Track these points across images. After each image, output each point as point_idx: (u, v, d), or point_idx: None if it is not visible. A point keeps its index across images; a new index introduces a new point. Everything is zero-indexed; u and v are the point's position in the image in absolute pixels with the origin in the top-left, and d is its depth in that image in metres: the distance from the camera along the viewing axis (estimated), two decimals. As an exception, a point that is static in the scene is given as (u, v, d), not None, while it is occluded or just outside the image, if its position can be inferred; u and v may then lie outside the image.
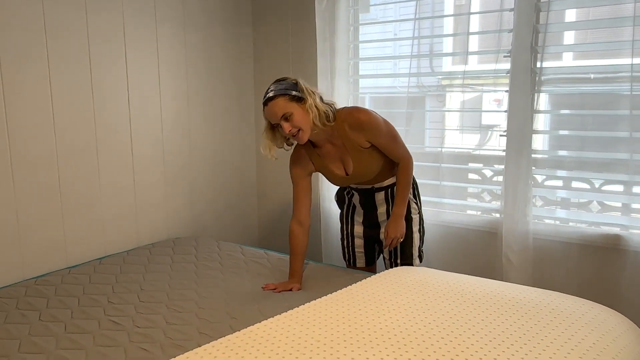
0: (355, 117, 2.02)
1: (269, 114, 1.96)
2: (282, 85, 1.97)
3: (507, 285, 1.81)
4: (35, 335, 1.67)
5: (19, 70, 2.10)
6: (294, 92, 1.95)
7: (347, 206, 2.34)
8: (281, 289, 2.04)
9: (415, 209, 2.24)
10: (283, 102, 1.93)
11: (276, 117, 1.94)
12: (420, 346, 1.36)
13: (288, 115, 1.93)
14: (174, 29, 2.70)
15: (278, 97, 1.94)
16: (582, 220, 2.32)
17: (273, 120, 1.96)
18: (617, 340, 1.42)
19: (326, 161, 2.12)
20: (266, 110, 1.96)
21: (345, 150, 2.08)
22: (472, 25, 2.58)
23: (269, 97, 1.95)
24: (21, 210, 2.16)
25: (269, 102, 1.94)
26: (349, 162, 2.10)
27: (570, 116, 2.40)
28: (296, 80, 2.00)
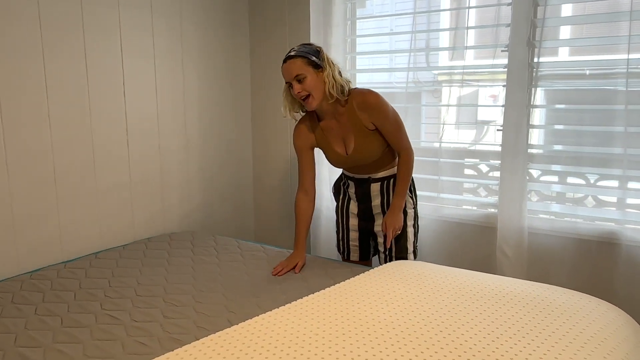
0: (364, 97, 2.07)
1: (284, 72, 2.02)
2: (305, 48, 2.04)
3: (503, 279, 1.82)
4: (32, 329, 1.66)
5: (13, 63, 2.08)
6: (314, 57, 2.01)
7: (343, 198, 2.34)
8: (287, 269, 2.10)
9: (410, 203, 2.25)
10: (300, 63, 1.99)
11: (290, 76, 2.00)
12: (419, 339, 1.37)
13: (302, 77, 1.99)
14: (170, 21, 2.69)
15: (297, 57, 2.00)
16: (577, 215, 2.34)
17: (286, 79, 2.02)
18: (614, 333, 1.43)
19: (329, 137, 2.16)
20: (283, 68, 2.02)
21: (349, 129, 2.11)
22: (469, 20, 2.58)
23: (289, 55, 2.01)
24: (16, 205, 2.14)
25: (287, 60, 2.01)
26: (350, 142, 2.12)
27: (565, 111, 2.42)
28: (320, 48, 2.06)
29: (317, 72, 2.00)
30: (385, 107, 2.08)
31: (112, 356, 1.49)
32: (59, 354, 1.50)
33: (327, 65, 2.02)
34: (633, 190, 2.19)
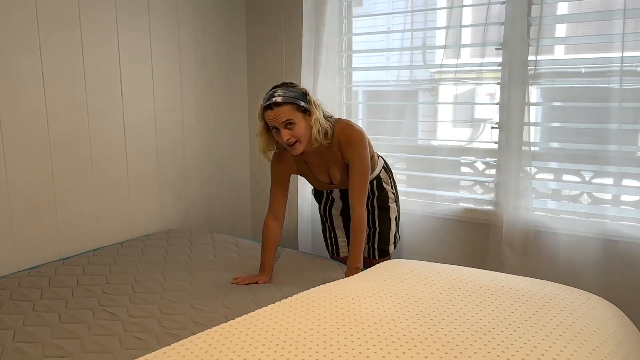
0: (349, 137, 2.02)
1: (270, 118, 1.91)
2: (291, 92, 1.93)
3: (496, 275, 1.84)
4: (30, 325, 1.68)
5: (11, 60, 2.09)
6: (302, 102, 1.93)
7: (326, 200, 2.35)
8: (248, 281, 2.01)
9: (392, 198, 2.28)
10: (289, 109, 1.90)
11: (278, 123, 1.90)
12: (412, 334, 1.38)
13: (291, 123, 1.90)
14: (166, 20, 2.70)
15: (287, 104, 1.90)
16: (572, 212, 2.35)
17: (272, 124, 1.92)
18: (603, 326, 1.45)
19: (311, 167, 2.13)
20: (269, 114, 1.91)
21: (332, 163, 2.09)
22: (465, 18, 2.59)
23: (276, 102, 1.89)
24: (14, 202, 2.15)
25: (274, 107, 1.89)
26: (336, 173, 2.12)
27: (561, 109, 2.43)
28: (306, 90, 1.98)
29: (305, 117, 1.93)
30: (363, 149, 2.03)
31: (109, 351, 1.51)
32: (57, 349, 1.51)
33: (315, 109, 1.95)
34: (628, 187, 2.20)
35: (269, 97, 1.93)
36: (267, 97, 1.94)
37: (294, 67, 2.95)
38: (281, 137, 1.93)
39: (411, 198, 2.70)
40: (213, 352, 1.32)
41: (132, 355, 1.45)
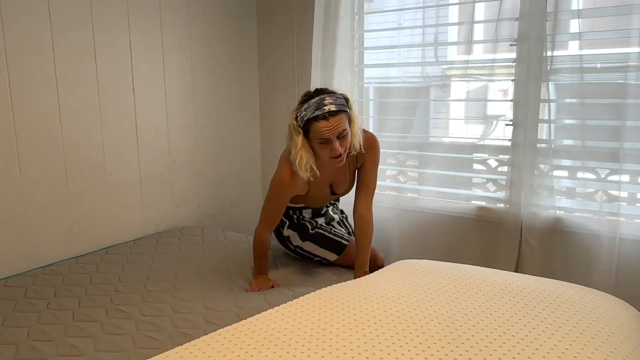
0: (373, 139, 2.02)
1: (326, 129, 1.74)
2: (340, 99, 1.80)
3: (514, 275, 1.82)
4: (44, 323, 1.69)
5: (25, 60, 2.10)
6: (348, 110, 1.83)
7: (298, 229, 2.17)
8: (265, 288, 1.97)
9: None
10: (344, 118, 1.78)
11: (334, 133, 1.75)
12: (426, 334, 1.37)
13: (344, 133, 1.78)
14: (178, 19, 2.70)
15: (341, 113, 1.77)
16: (588, 210, 2.31)
17: (326, 136, 1.75)
18: (621, 327, 1.43)
19: (323, 177, 1.99)
20: (322, 125, 1.74)
21: (344, 171, 2.02)
22: (477, 13, 2.56)
23: (332, 110, 1.74)
24: (28, 200, 2.17)
25: (330, 116, 1.73)
26: (342, 182, 2.05)
27: (575, 105, 2.39)
28: (347, 96, 1.85)
29: (351, 126, 1.82)
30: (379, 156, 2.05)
31: (122, 350, 1.51)
32: (71, 348, 1.52)
33: (355, 117, 1.84)
34: (642, 184, 2.17)
35: (317, 106, 1.75)
36: (313, 106, 1.76)
37: (305, 65, 2.94)
38: (333, 149, 1.77)
39: (422, 196, 2.68)
40: (225, 353, 1.32)
41: (146, 354, 1.46)
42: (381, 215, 2.80)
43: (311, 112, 1.75)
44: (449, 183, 2.65)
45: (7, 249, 2.12)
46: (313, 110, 1.75)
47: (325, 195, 2.06)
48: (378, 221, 2.79)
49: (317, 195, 2.03)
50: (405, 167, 2.88)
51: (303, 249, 2.12)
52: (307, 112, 1.77)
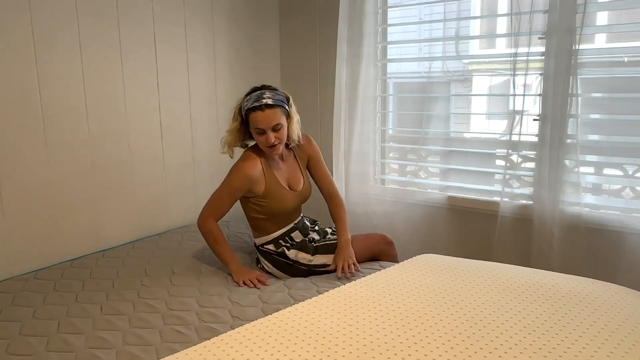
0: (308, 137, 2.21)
1: (261, 120, 1.94)
2: (279, 95, 2.00)
3: (535, 272, 1.80)
4: (73, 316, 1.72)
5: (51, 54, 2.13)
6: (286, 106, 2.01)
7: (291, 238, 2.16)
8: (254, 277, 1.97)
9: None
10: (280, 112, 1.97)
11: (268, 125, 1.95)
12: (454, 331, 1.37)
13: (279, 127, 1.97)
14: (202, 14, 2.71)
15: (277, 107, 1.96)
16: (615, 206, 2.28)
17: (262, 126, 1.95)
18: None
19: (278, 178, 2.09)
20: (258, 116, 1.94)
21: (295, 167, 2.17)
22: (501, 6, 2.52)
23: (268, 104, 1.94)
24: (57, 195, 2.21)
25: (266, 109, 1.94)
26: (299, 179, 2.15)
27: (602, 100, 2.34)
28: (288, 95, 2.05)
29: (287, 121, 2.02)
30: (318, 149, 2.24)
31: (150, 344, 1.53)
32: (100, 341, 1.55)
33: (294, 114, 2.04)
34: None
35: (256, 99, 1.95)
36: (253, 98, 1.96)
37: (327, 61, 2.94)
38: (267, 139, 1.96)
39: (444, 192, 2.66)
40: (253, 347, 1.33)
41: (173, 348, 1.48)
42: (402, 211, 2.81)
43: (251, 103, 1.96)
44: (471, 179, 2.63)
45: (37, 242, 2.16)
46: (252, 102, 1.96)
47: (287, 194, 2.09)
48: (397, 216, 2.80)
49: (278, 193, 2.07)
50: (426, 162, 2.86)
51: (316, 264, 2.09)
52: (247, 103, 1.98)
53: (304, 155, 2.21)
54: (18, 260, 2.11)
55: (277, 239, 2.11)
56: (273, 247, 2.10)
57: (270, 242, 2.11)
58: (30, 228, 2.14)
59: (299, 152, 2.20)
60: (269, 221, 2.10)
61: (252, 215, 2.12)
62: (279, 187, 2.08)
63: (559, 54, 2.16)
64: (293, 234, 2.14)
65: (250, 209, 2.11)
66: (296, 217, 2.19)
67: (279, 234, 2.11)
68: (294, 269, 2.08)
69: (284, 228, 2.13)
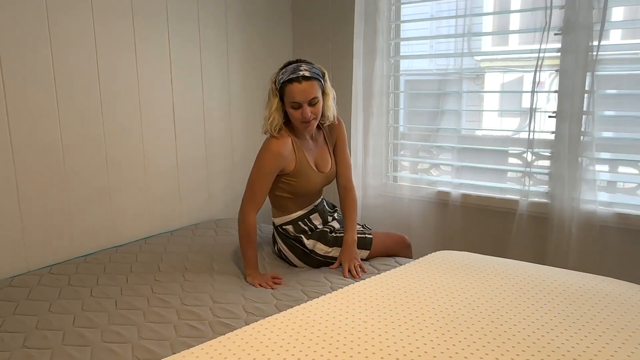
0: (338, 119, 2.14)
1: (298, 93, 1.88)
2: (315, 69, 1.93)
3: (552, 270, 1.79)
4: (89, 310, 1.73)
5: (68, 53, 2.14)
6: (322, 81, 1.96)
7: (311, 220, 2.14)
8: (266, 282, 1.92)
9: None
10: (317, 86, 1.92)
11: (305, 97, 1.89)
12: (470, 329, 1.36)
13: (316, 101, 1.92)
14: (215, 11, 2.71)
15: (314, 80, 1.91)
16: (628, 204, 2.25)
17: (299, 99, 1.89)
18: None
19: (308, 156, 2.06)
20: (296, 88, 1.87)
21: (324, 147, 2.12)
22: (514, 3, 2.50)
23: (305, 75, 1.88)
24: (71, 190, 2.22)
25: (303, 80, 1.88)
26: (326, 159, 2.11)
27: (618, 97, 2.32)
28: (324, 70, 1.99)
29: (323, 97, 1.96)
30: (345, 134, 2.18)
31: (165, 338, 1.54)
32: (115, 335, 1.56)
33: (330, 91, 1.99)
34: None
35: (293, 71, 1.89)
36: (289, 70, 1.90)
37: (340, 57, 2.93)
38: (303, 113, 1.90)
39: (457, 189, 2.65)
40: (268, 343, 1.33)
41: (188, 343, 1.48)
42: (415, 208, 2.80)
43: (287, 75, 1.90)
44: (483, 176, 2.61)
45: (51, 237, 2.18)
46: (289, 74, 1.89)
47: (314, 175, 2.06)
48: (409, 213, 2.80)
49: (307, 174, 2.04)
50: (438, 160, 2.85)
51: (334, 256, 2.06)
52: (283, 76, 1.92)
53: (333, 137, 2.14)
54: (33, 255, 2.13)
55: (296, 220, 2.09)
56: (292, 229, 2.09)
57: (290, 222, 2.10)
58: (45, 224, 2.16)
59: (329, 133, 2.14)
60: (291, 200, 2.07)
61: (275, 193, 2.08)
62: (308, 167, 2.04)
63: (577, 50, 2.14)
64: (312, 215, 2.12)
65: (275, 187, 2.06)
66: (317, 199, 2.16)
67: (299, 214, 2.10)
68: (310, 258, 2.08)
69: (305, 209, 2.11)
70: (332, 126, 2.13)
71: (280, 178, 2.04)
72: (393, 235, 2.22)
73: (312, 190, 2.09)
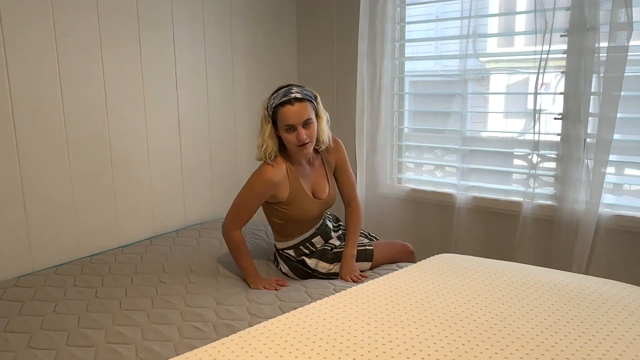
0: (334, 138, 2.10)
1: (291, 115, 1.85)
2: (307, 91, 1.93)
3: (558, 273, 1.78)
4: (93, 311, 1.74)
5: (74, 55, 2.16)
6: (315, 104, 1.95)
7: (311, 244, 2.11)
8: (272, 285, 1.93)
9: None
10: (310, 108, 1.90)
11: (299, 119, 1.86)
12: (474, 332, 1.35)
13: (310, 122, 1.90)
14: (219, 13, 2.72)
15: (306, 101, 1.89)
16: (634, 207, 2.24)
17: (292, 122, 1.86)
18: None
19: (302, 183, 2.02)
20: (288, 110, 1.85)
21: (321, 172, 2.08)
22: (520, 4, 2.49)
23: (297, 97, 1.86)
24: (76, 191, 2.23)
25: (295, 102, 1.86)
26: (324, 185, 2.07)
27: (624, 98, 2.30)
28: (316, 93, 1.98)
29: (317, 120, 1.95)
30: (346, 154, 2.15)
31: (169, 340, 1.54)
32: (119, 336, 1.56)
33: (322, 114, 1.97)
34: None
35: (284, 94, 1.88)
36: (280, 94, 1.89)
37: (344, 58, 2.93)
38: (298, 136, 1.87)
39: (461, 191, 2.64)
40: (271, 345, 1.33)
41: (192, 344, 1.49)
42: (419, 210, 2.79)
43: (279, 99, 1.88)
44: (488, 178, 2.60)
45: (57, 238, 2.19)
46: (280, 98, 1.88)
47: (310, 202, 2.02)
48: (413, 214, 2.79)
49: (301, 202, 2.00)
50: (443, 161, 2.84)
51: (336, 272, 2.06)
52: (275, 100, 1.90)
53: (332, 161, 2.12)
54: (39, 255, 2.14)
55: (297, 245, 2.07)
56: (293, 253, 2.08)
57: (291, 247, 2.08)
58: (50, 224, 2.17)
59: (327, 157, 2.11)
60: (290, 227, 2.04)
61: (273, 220, 2.07)
62: (303, 195, 2.00)
63: (583, 52, 2.13)
64: (314, 239, 2.10)
65: (271, 214, 2.05)
66: (318, 222, 2.12)
67: (300, 239, 2.07)
68: (312, 277, 2.06)
69: (306, 234, 2.08)
70: (329, 149, 2.09)
71: (274, 206, 2.02)
72: (395, 244, 2.20)
73: (309, 217, 2.05)
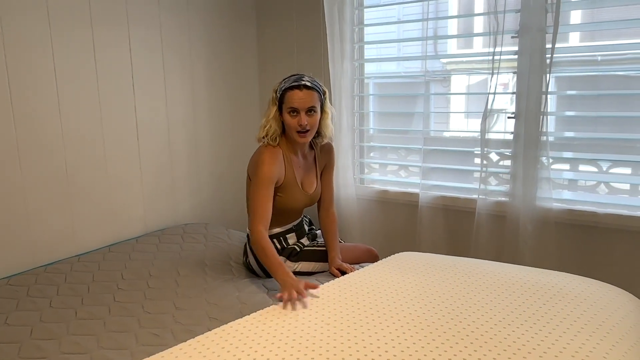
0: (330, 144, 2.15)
1: (297, 99, 1.89)
2: (317, 83, 1.96)
3: (513, 267, 1.81)
4: (47, 321, 1.68)
5: (24, 56, 2.09)
6: (322, 97, 1.98)
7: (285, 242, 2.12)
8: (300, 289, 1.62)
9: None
10: (316, 97, 1.93)
11: (304, 105, 1.89)
12: (431, 327, 1.37)
13: (313, 111, 1.93)
14: (177, 14, 2.69)
15: (314, 91, 1.92)
16: (590, 202, 2.31)
17: (297, 106, 1.89)
18: (625, 318, 1.43)
19: (295, 173, 2.02)
20: (296, 94, 1.89)
21: (312, 168, 2.11)
22: (477, 6, 2.54)
23: (307, 84, 1.90)
24: (30, 199, 2.16)
25: (304, 88, 1.90)
26: (312, 180, 2.10)
27: (576, 97, 2.38)
28: (325, 89, 2.01)
29: (322, 115, 1.98)
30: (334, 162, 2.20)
31: (125, 347, 1.51)
32: (74, 346, 1.52)
33: (328, 110, 2.01)
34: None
35: (296, 80, 1.92)
36: (292, 79, 1.93)
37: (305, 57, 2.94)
38: (299, 121, 1.90)
39: (424, 190, 2.67)
40: (230, 349, 1.32)
41: (149, 351, 1.45)
42: (381, 210, 2.81)
43: (289, 83, 1.93)
44: (451, 177, 2.64)
45: (9, 247, 2.12)
46: (291, 82, 1.93)
47: (299, 192, 2.03)
48: (378, 215, 2.81)
49: (292, 190, 2.01)
50: (406, 161, 2.87)
51: (300, 272, 2.06)
52: (285, 84, 1.94)
53: (323, 161, 2.14)
54: (-10, 266, 2.06)
55: (272, 237, 2.03)
56: None
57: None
58: (2, 233, 2.09)
59: (320, 157, 2.13)
60: (272, 217, 1.97)
61: None
62: (294, 184, 2.02)
63: (532, 53, 2.18)
64: (289, 235, 2.10)
65: None
66: (297, 219, 2.14)
67: (276, 232, 2.07)
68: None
69: (284, 227, 2.09)
70: (324, 149, 2.13)
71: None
72: (360, 247, 2.24)
73: (294, 208, 2.06)
